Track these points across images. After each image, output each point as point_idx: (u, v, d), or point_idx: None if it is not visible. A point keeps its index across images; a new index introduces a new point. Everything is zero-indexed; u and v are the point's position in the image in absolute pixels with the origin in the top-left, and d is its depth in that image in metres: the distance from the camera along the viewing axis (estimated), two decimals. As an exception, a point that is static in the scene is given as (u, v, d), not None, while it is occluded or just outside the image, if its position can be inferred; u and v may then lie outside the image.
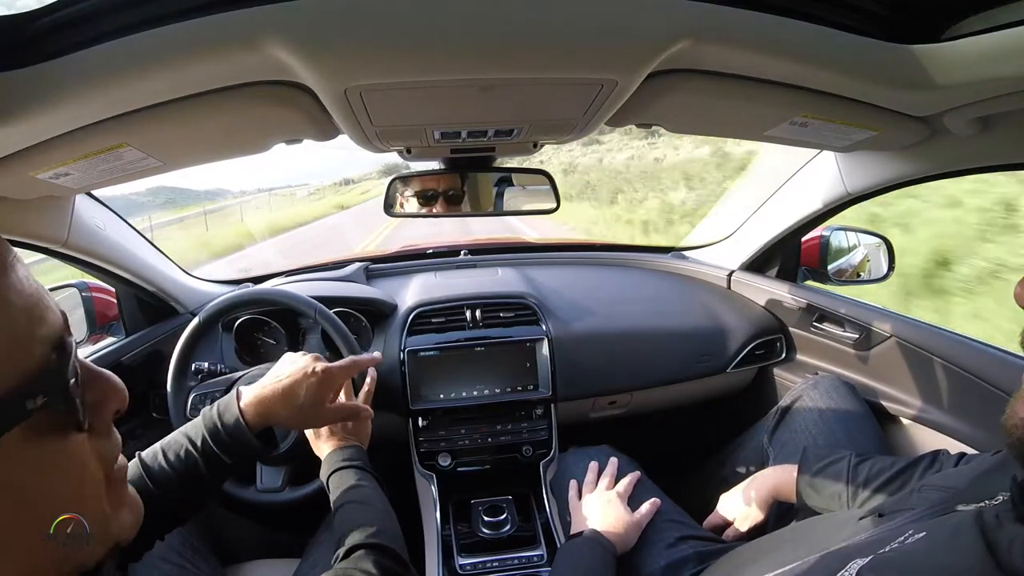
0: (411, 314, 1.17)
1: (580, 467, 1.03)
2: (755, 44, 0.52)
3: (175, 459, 0.63)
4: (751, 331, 1.25)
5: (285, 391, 0.69)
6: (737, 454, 1.13)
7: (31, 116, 0.49)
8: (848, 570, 0.43)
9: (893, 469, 0.77)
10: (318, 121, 0.65)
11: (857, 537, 0.52)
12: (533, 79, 0.55)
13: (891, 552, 0.43)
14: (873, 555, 0.43)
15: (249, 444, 0.65)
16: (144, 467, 0.62)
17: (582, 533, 0.84)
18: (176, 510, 0.63)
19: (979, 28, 0.49)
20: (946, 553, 0.39)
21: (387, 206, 0.98)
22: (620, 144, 16.92)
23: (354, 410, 0.78)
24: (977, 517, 0.38)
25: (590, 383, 1.18)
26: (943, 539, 0.41)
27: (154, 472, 0.62)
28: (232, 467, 0.65)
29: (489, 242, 1.72)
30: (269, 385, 0.70)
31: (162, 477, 0.62)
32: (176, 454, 0.63)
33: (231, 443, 0.64)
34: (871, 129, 0.72)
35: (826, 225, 1.21)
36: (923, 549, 0.42)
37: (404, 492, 1.13)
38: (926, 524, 0.46)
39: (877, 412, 1.04)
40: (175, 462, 0.63)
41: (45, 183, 0.68)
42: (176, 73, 0.50)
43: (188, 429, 0.66)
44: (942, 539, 0.41)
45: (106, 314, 1.14)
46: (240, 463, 0.66)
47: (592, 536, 0.83)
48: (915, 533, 0.44)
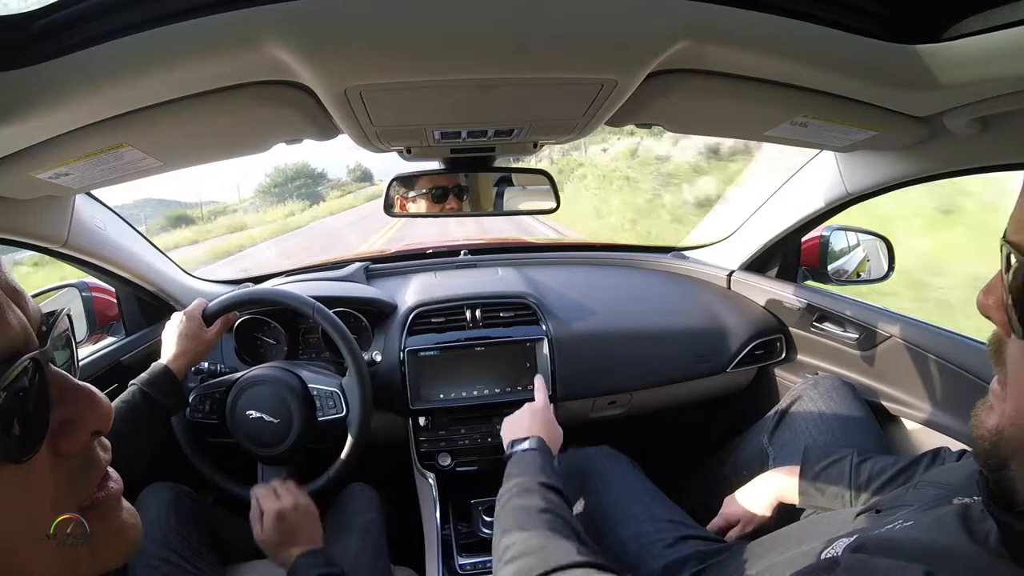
0: (411, 314, 1.17)
1: (580, 467, 1.03)
2: (755, 44, 0.52)
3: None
4: (751, 331, 1.25)
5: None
6: (737, 454, 1.13)
7: (31, 116, 0.49)
8: (833, 548, 0.43)
9: (895, 468, 0.77)
10: (318, 121, 0.65)
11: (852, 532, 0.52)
12: (533, 79, 0.55)
13: (875, 533, 0.43)
14: (857, 535, 0.43)
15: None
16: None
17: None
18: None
19: (979, 28, 0.49)
20: (926, 533, 0.40)
21: (387, 206, 0.98)
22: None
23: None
24: (964, 509, 0.39)
25: (590, 383, 1.18)
26: (926, 524, 0.42)
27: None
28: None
29: (489, 242, 1.72)
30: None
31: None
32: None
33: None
34: (871, 129, 0.72)
35: (826, 225, 1.21)
36: (906, 532, 0.43)
37: (404, 492, 1.13)
38: (915, 514, 0.46)
39: (877, 412, 1.04)
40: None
41: (45, 183, 0.68)
42: (176, 73, 0.50)
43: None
44: (925, 524, 0.42)
45: (106, 314, 1.14)
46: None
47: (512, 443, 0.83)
48: (904, 522, 0.45)
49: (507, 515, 0.66)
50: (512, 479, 0.73)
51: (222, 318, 0.96)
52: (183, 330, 0.91)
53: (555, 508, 0.65)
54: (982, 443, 0.35)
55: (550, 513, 0.63)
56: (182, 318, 0.93)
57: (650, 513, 0.90)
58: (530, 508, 0.64)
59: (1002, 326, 0.33)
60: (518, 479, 0.72)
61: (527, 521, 0.62)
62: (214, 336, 0.95)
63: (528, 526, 0.61)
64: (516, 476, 0.73)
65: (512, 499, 0.68)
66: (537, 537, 0.59)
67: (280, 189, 30.51)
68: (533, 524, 0.61)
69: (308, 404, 0.96)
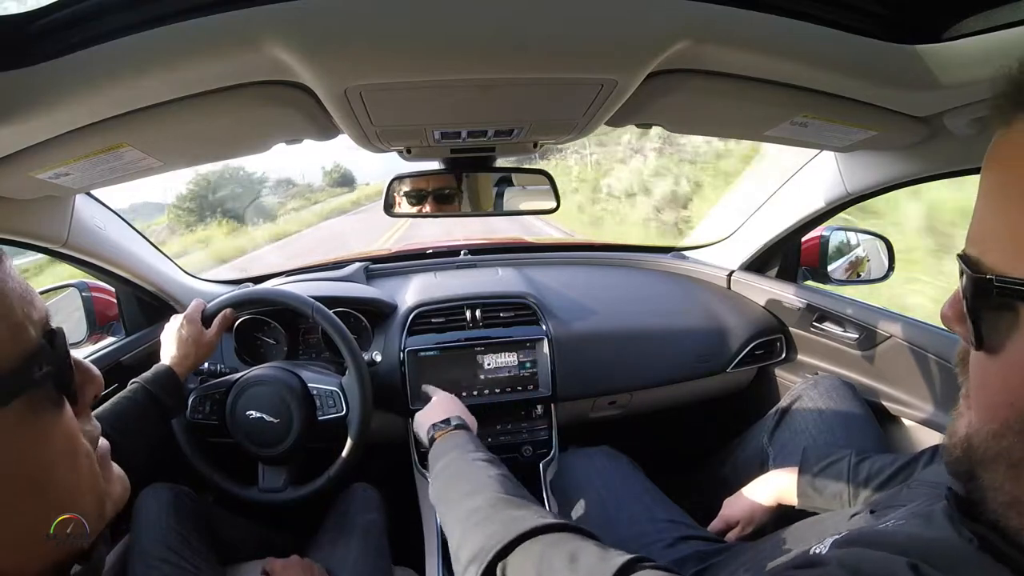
0: (411, 314, 1.17)
1: (580, 467, 1.03)
2: (755, 44, 0.52)
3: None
4: (751, 331, 1.25)
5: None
6: (737, 454, 1.13)
7: (31, 116, 0.49)
8: (823, 544, 0.43)
9: (894, 466, 0.77)
10: (318, 121, 0.65)
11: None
12: (533, 79, 0.55)
13: (863, 530, 0.44)
14: (847, 531, 0.44)
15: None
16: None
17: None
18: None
19: (979, 28, 0.49)
20: (914, 529, 0.41)
21: (387, 206, 0.98)
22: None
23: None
24: (949, 508, 0.39)
25: (590, 383, 1.18)
26: (915, 521, 0.43)
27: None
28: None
29: (489, 242, 1.72)
30: None
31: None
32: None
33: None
34: (871, 129, 0.72)
35: (826, 225, 1.21)
36: (894, 528, 0.43)
37: (404, 492, 1.13)
38: (906, 513, 0.47)
39: (877, 412, 1.04)
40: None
41: (45, 183, 0.68)
42: (176, 73, 0.50)
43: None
44: (914, 521, 0.43)
45: (106, 314, 1.14)
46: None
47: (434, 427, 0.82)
48: (896, 521, 0.45)
49: (453, 485, 0.63)
50: (447, 455, 0.71)
51: (220, 318, 0.96)
52: (184, 334, 0.91)
53: (505, 474, 0.63)
54: (953, 451, 0.35)
55: (504, 480, 0.61)
56: (182, 322, 0.92)
57: (650, 513, 0.90)
58: (479, 475, 0.62)
59: (964, 338, 0.34)
60: (453, 453, 0.70)
61: (481, 486, 0.60)
62: (215, 338, 0.95)
63: (482, 491, 0.59)
64: (450, 451, 0.72)
65: (455, 468, 0.66)
66: (498, 504, 0.56)
67: (200, 203, 19.42)
68: (487, 489, 0.59)
69: (308, 404, 0.96)
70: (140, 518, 0.83)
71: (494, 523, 0.53)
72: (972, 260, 0.32)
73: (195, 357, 0.91)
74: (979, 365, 0.33)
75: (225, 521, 0.97)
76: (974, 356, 0.33)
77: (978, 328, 0.32)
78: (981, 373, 0.33)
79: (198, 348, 0.91)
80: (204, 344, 0.92)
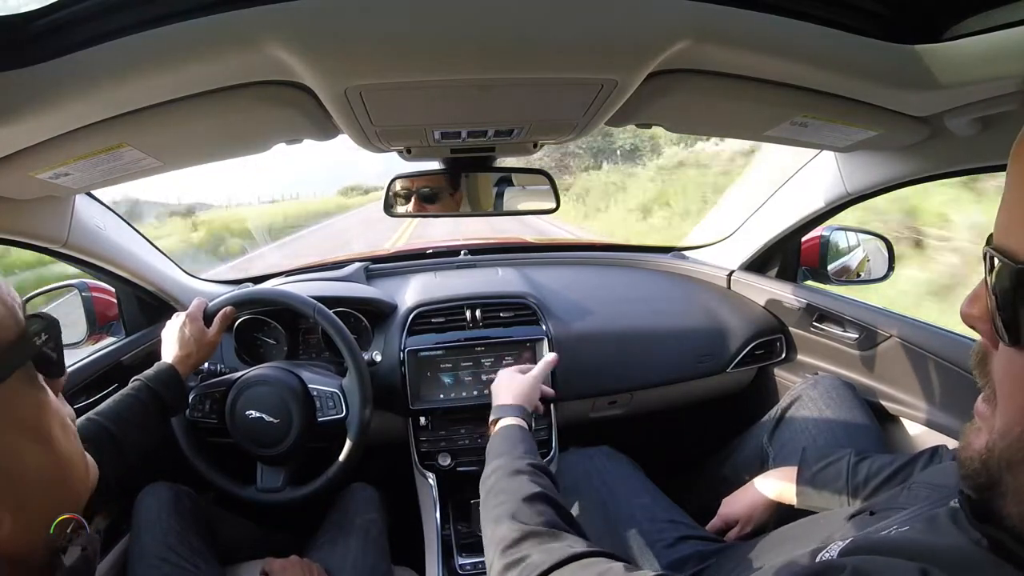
0: (411, 314, 1.17)
1: (580, 468, 1.03)
2: (755, 44, 0.52)
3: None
4: (751, 331, 1.25)
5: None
6: (737, 454, 1.13)
7: (31, 116, 0.49)
8: (829, 551, 0.43)
9: (893, 466, 0.77)
10: (318, 121, 0.65)
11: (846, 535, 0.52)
12: (533, 79, 0.55)
13: (869, 535, 0.44)
14: (851, 538, 0.43)
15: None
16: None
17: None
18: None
19: (979, 28, 0.49)
20: (921, 535, 0.40)
21: (387, 206, 0.98)
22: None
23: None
24: (957, 512, 0.39)
25: (590, 383, 1.18)
26: (921, 526, 0.42)
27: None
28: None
29: (489, 242, 1.72)
30: None
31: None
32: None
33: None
34: (872, 129, 0.72)
35: (826, 225, 1.21)
36: (902, 535, 0.43)
37: (404, 492, 1.13)
38: (909, 517, 0.46)
39: (877, 412, 1.04)
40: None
41: (45, 183, 0.68)
42: (176, 73, 0.50)
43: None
44: (920, 526, 0.42)
45: (106, 314, 1.14)
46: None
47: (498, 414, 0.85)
48: (899, 526, 0.45)
49: (496, 499, 0.64)
50: (498, 457, 0.72)
51: (221, 317, 0.96)
52: (186, 334, 0.91)
53: (547, 491, 0.64)
54: (971, 463, 0.33)
55: (543, 502, 0.62)
56: (184, 320, 0.92)
57: (650, 513, 0.89)
58: (520, 493, 0.63)
59: (988, 337, 0.32)
60: (499, 461, 0.71)
61: (520, 511, 0.60)
62: (216, 337, 0.94)
63: (522, 517, 0.59)
64: (501, 455, 0.73)
65: (499, 481, 0.67)
66: (535, 531, 0.57)
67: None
68: (526, 515, 0.60)
69: (308, 404, 0.96)
70: (140, 517, 0.84)
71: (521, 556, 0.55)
72: (1008, 251, 0.29)
73: (197, 356, 0.91)
74: (1013, 362, 0.30)
75: (225, 521, 0.97)
76: (1005, 354, 0.31)
77: (1016, 322, 0.29)
78: (1018, 371, 0.30)
79: (200, 347, 0.91)
80: (206, 343, 0.92)
